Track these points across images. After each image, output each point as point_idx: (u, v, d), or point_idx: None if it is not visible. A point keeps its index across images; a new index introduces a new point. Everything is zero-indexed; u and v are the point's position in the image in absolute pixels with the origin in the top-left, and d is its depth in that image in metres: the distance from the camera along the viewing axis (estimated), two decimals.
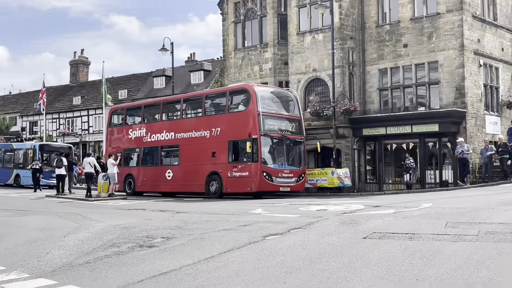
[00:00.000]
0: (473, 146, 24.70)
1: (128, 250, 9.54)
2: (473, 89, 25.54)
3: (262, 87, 23.71)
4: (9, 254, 9.60)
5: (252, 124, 21.26)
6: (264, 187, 21.21)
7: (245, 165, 21.38)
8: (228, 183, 21.89)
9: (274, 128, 21.84)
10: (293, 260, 8.12)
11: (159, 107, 27.31)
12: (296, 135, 22.81)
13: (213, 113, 24.05)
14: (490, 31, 27.29)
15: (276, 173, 21.42)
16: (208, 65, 49.49)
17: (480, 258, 7.62)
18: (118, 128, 28.58)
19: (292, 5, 29.03)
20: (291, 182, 21.96)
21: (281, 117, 22.62)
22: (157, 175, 25.39)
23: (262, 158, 21.02)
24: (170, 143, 25.17)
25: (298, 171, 22.58)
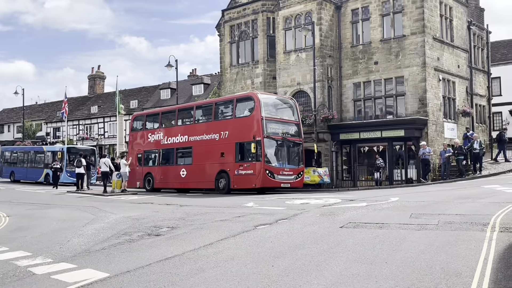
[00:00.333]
0: (434, 148, 24.78)
1: (138, 238, 9.50)
2: (433, 100, 25.64)
3: (265, 95, 23.11)
4: (35, 242, 9.54)
5: (256, 127, 20.78)
6: (267, 183, 20.73)
7: (250, 164, 20.86)
8: (235, 180, 21.46)
9: (276, 131, 21.34)
10: (280, 246, 8.12)
11: (174, 113, 26.67)
12: (295, 138, 22.21)
13: (222, 118, 23.33)
14: (448, 51, 27.41)
15: (277, 171, 20.92)
16: (208, 79, 49.40)
17: (440, 244, 7.64)
18: (139, 132, 27.99)
19: (279, 28, 29.08)
20: (291, 179, 21.43)
21: (282, 121, 22.03)
22: (173, 174, 25.00)
23: (265, 157, 20.56)
24: (184, 145, 24.63)
25: (297, 169, 21.93)
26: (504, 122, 37.08)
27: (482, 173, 22.77)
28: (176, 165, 25.00)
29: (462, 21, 28.99)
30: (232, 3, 32.92)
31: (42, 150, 37.06)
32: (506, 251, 7.02)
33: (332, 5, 28.14)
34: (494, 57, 37.29)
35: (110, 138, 52.08)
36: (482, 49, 31.91)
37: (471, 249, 7.24)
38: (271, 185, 21.00)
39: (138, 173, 26.84)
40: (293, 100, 23.67)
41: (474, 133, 25.70)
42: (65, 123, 45.90)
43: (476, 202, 12.53)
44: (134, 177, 26.50)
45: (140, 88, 56.84)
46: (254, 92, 22.34)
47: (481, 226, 8.92)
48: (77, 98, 62.21)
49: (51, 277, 6.73)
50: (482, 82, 31.56)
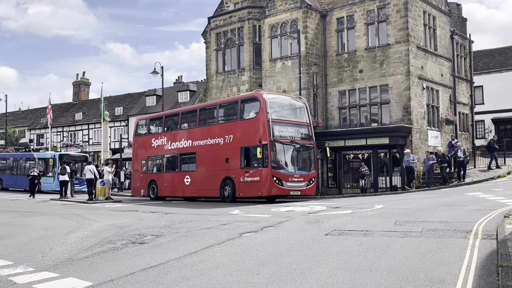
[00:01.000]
0: (418, 156, 25.01)
1: (122, 246, 9.41)
2: (417, 108, 25.92)
3: (272, 95, 21.43)
4: (17, 251, 9.39)
5: (262, 130, 19.22)
6: (275, 191, 19.07)
7: (256, 170, 19.26)
8: (240, 187, 19.91)
9: (284, 134, 19.68)
10: (265, 254, 8.10)
11: (178, 117, 25.00)
12: (305, 141, 20.51)
13: (226, 121, 21.72)
14: (432, 60, 27.77)
15: (286, 178, 19.18)
16: (194, 86, 49.35)
17: (423, 252, 7.69)
18: (143, 137, 26.55)
19: (265, 36, 29.20)
20: (301, 186, 19.66)
21: (290, 123, 20.30)
22: (176, 181, 23.57)
23: (272, 163, 18.87)
24: (188, 150, 23.10)
25: (308, 175, 20.13)
26: (486, 130, 37.62)
27: (466, 181, 23.03)
28: (180, 171, 23.59)
29: (445, 31, 29.42)
30: (218, 10, 33.02)
31: (33, 157, 36.38)
32: (488, 258, 7.09)
33: (318, 14, 28.38)
34: (477, 66, 37.88)
35: (94, 145, 51.64)
36: (465, 58, 32.39)
37: (454, 256, 7.31)
38: (279, 193, 19.42)
39: (142, 180, 25.69)
40: (303, 100, 22.00)
41: (458, 141, 26.01)
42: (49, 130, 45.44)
43: (459, 210, 12.66)
44: (138, 185, 25.76)
45: (125, 95, 56.54)
46: (260, 92, 20.57)
47: (464, 233, 9.01)
48: (61, 105, 61.66)
49: (33, 286, 6.63)
50: (465, 91, 32.00)
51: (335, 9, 28.24)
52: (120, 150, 36.61)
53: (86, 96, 61.18)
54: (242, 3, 32.27)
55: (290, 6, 28.29)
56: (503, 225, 9.27)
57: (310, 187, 20.14)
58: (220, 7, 33.17)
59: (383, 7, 26.40)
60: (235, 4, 32.67)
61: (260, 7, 30.27)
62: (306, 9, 27.70)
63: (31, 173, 28.46)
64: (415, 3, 26.26)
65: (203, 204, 20.35)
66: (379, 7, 26.54)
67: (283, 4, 28.62)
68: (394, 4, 25.92)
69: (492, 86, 37.84)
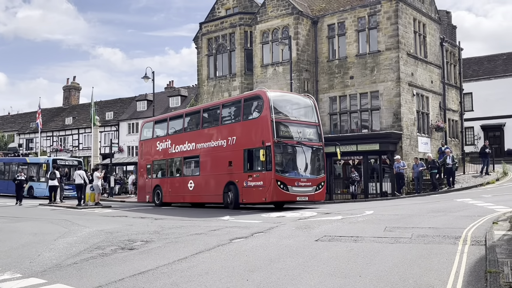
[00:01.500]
0: (408, 162, 25.15)
1: (111, 252, 9.34)
2: (407, 114, 26.09)
3: (276, 93, 20.05)
4: (4, 257, 9.28)
5: (265, 131, 17.74)
6: (279, 197, 17.56)
7: (260, 174, 17.85)
8: (244, 193, 18.53)
9: (289, 135, 18.23)
10: (256, 260, 8.08)
11: (181, 118, 23.48)
12: (313, 142, 18.98)
13: (229, 121, 20.35)
14: (422, 66, 28.00)
15: (292, 182, 17.62)
16: (185, 91, 49.32)
17: (413, 258, 7.72)
18: (148, 140, 25.34)
19: (257, 42, 29.29)
20: (309, 191, 18.08)
21: (297, 123, 18.81)
22: (181, 186, 22.32)
23: (276, 166, 17.39)
24: (191, 153, 21.76)
25: (317, 179, 18.53)
26: (475, 137, 37.94)
27: (455, 187, 23.18)
28: (184, 176, 22.43)
29: (435, 38, 29.68)
30: (210, 16, 33.08)
31: (25, 162, 35.92)
32: (477, 264, 7.13)
33: (309, 20, 28.52)
34: (466, 73, 38.24)
35: (84, 150, 51.35)
36: (454, 65, 32.68)
37: (443, 262, 7.34)
38: (284, 198, 17.90)
39: (148, 185, 24.63)
40: (310, 98, 20.59)
41: (448, 147, 26.20)
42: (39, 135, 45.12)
43: (448, 216, 12.73)
44: (143, 190, 24.93)
45: (116, 100, 56.36)
46: (263, 90, 19.00)
47: (453, 240, 9.06)
48: (51, 109, 61.30)
49: None
50: (455, 98, 32.27)
51: (326, 15, 28.41)
52: (110, 155, 36.40)
53: (76, 100, 60.90)
54: (234, 9, 32.36)
55: (282, 12, 28.41)
56: (491, 231, 9.33)
57: (319, 192, 18.61)
58: (212, 12, 33.23)
59: (373, 14, 26.60)
60: (227, 10, 32.74)
61: (252, 13, 30.37)
62: (298, 16, 27.83)
63: (18, 178, 26.10)
64: (405, 10, 26.49)
65: (195, 210, 20.26)
66: (369, 14, 26.74)
67: (274, 10, 28.74)
68: (385, 11, 26.13)
69: (481, 93, 38.22)
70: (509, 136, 37.52)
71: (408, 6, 26.80)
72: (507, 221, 10.57)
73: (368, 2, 27.00)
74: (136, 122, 49.26)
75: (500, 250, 7.60)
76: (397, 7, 25.79)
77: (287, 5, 28.40)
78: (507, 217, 11.16)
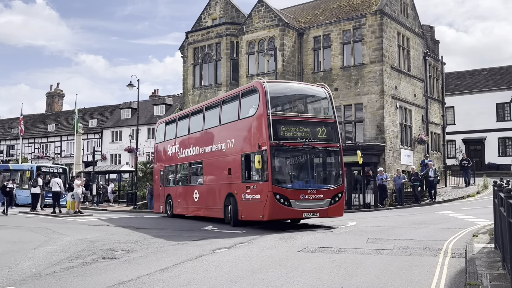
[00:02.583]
0: (391, 174, 25.35)
1: (92, 261, 9.23)
2: (391, 127, 26.36)
3: (277, 84, 17.38)
4: None
5: (260, 132, 14.47)
6: (279, 214, 14.04)
7: (257, 185, 14.39)
8: (243, 207, 15.11)
9: (293, 135, 14.55)
10: (238, 270, 8.06)
11: (187, 118, 20.40)
12: (327, 143, 15.08)
13: (228, 121, 16.95)
14: (405, 80, 28.36)
15: (295, 195, 13.98)
16: (170, 100, 49.26)
17: (394, 269, 7.78)
18: (160, 143, 22.75)
19: (243, 52, 29.43)
20: (320, 205, 14.27)
21: (304, 120, 15.15)
22: (187, 196, 19.55)
23: (273, 175, 13.89)
24: (196, 158, 18.87)
25: (331, 190, 14.59)
26: (457, 150, 38.45)
27: (437, 199, 23.42)
28: (190, 185, 19.53)
29: (419, 52, 30.13)
30: (196, 25, 33.16)
31: (8, 169, 35.27)
32: (457, 276, 7.21)
33: (295, 32, 28.75)
34: (448, 87, 38.83)
35: (67, 158, 50.79)
36: (437, 79, 33.18)
37: (424, 274, 7.40)
38: (285, 216, 14.58)
39: (161, 194, 22.34)
40: (325, 87, 16.34)
41: (431, 160, 26.48)
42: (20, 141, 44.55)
43: (430, 228, 12.86)
44: (158, 199, 22.81)
45: (99, 107, 56.01)
46: (260, 81, 15.37)
47: (434, 252, 9.15)
48: (34, 116, 60.63)
49: None
50: (437, 111, 32.72)
51: (312, 27, 28.67)
52: (93, 163, 36.05)
53: (59, 107, 60.36)
54: (220, 19, 32.49)
55: (268, 23, 28.61)
56: (471, 244, 9.45)
57: (335, 205, 14.56)
58: (198, 22, 33.32)
59: (358, 28, 26.93)
60: (213, 20, 32.88)
61: (238, 24, 30.53)
62: (284, 27, 28.04)
63: (8, 186, 24.06)
64: (389, 24, 26.88)
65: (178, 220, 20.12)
66: (355, 27, 27.06)
67: (261, 21, 28.94)
68: (370, 25, 26.47)
69: (462, 107, 38.83)
70: (489, 150, 38.13)
71: (393, 20, 27.21)
72: (487, 234, 10.72)
73: (353, 15, 27.34)
74: (120, 130, 48.96)
75: (479, 262, 7.70)
76: (381, 21, 26.16)
77: (273, 16, 28.62)
78: (487, 230, 11.32)
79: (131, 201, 29.55)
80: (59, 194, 23.21)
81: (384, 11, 26.29)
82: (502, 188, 7.64)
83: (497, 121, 38.06)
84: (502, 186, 8.21)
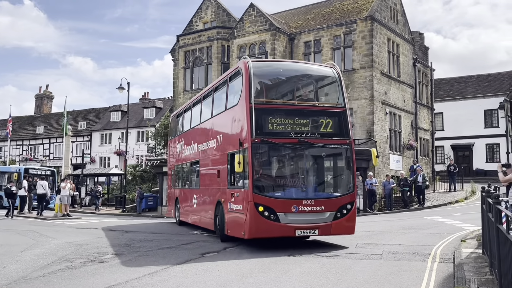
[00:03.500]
0: (380, 179, 25.46)
1: (81, 265, 9.16)
2: (380, 132, 26.51)
3: (264, 63, 14.80)
4: None
5: (242, 125, 11.50)
6: (263, 231, 10.70)
7: (240, 192, 11.41)
8: (229, 220, 12.08)
9: (286, 129, 11.30)
10: (227, 275, 8.04)
11: (190, 111, 17.65)
12: (331, 138, 11.61)
13: (217, 112, 13.98)
14: (395, 86, 28.56)
15: (285, 207, 10.77)
16: (160, 103, 49.10)
17: (383, 274, 7.81)
18: (171, 140, 20.45)
19: (233, 56, 29.45)
20: (320, 219, 10.92)
21: (300, 109, 11.87)
22: (188, 201, 17.00)
23: (255, 181, 10.82)
24: (195, 157, 16.19)
25: (336, 200, 11.26)
26: (446, 156, 38.75)
27: (426, 205, 23.57)
28: (191, 188, 17.12)
29: (408, 58, 30.38)
30: (187, 29, 33.15)
31: None
32: (445, 281, 7.26)
33: (286, 37, 28.85)
34: (437, 93, 39.16)
35: (55, 160, 50.36)
36: (426, 85, 33.46)
37: (413, 279, 7.44)
38: (272, 233, 10.81)
39: (171, 198, 20.25)
40: (335, 68, 12.66)
41: (419, 166, 26.65)
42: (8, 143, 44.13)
43: (418, 233, 12.93)
44: (170, 203, 20.66)
45: (89, 110, 55.66)
46: (245, 60, 12.01)
47: (423, 257, 9.21)
48: (22, 117, 60.06)
49: None
50: (426, 117, 32.97)
51: (303, 32, 28.79)
52: (82, 166, 35.78)
53: (48, 109, 59.87)
54: (212, 22, 32.52)
55: (259, 28, 28.68)
56: (459, 249, 9.52)
57: (341, 220, 11.10)
58: (189, 25, 33.32)
59: (349, 33, 27.09)
60: (205, 23, 32.89)
61: (229, 28, 30.57)
62: (275, 32, 28.13)
63: (11, 188, 23.06)
64: (380, 30, 27.08)
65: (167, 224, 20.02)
66: (345, 33, 27.22)
67: (252, 25, 29.01)
68: (360, 31, 26.65)
69: (451, 113, 39.17)
70: (477, 156, 38.48)
71: (383, 27, 27.41)
72: (474, 239, 10.81)
73: (344, 21, 27.51)
74: (109, 132, 48.68)
75: (467, 267, 7.76)
76: (372, 27, 26.35)
77: (264, 21, 28.71)
78: (475, 236, 11.41)
79: (120, 204, 29.36)
80: (43, 196, 23.00)
81: (374, 17, 26.49)
82: (490, 194, 7.72)
83: (485, 128, 38.46)
84: (490, 192, 8.29)
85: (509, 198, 10.19)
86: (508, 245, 5.23)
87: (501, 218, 6.16)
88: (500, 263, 5.84)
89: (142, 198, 27.64)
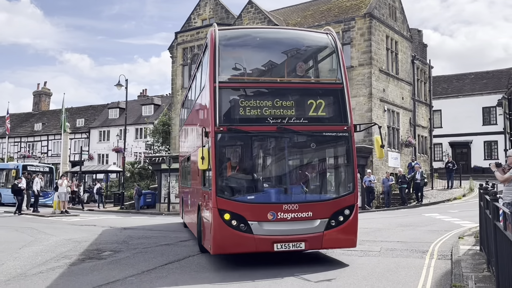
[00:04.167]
0: (378, 176, 25.50)
1: (79, 261, 9.17)
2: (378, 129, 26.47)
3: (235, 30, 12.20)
4: None
5: (208, 110, 9.02)
6: (230, 245, 8.24)
7: (207, 195, 9.02)
8: (203, 228, 9.75)
9: (262, 114, 8.74)
10: (226, 271, 8.07)
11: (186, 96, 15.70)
12: (322, 124, 9.08)
13: (196, 95, 11.66)
14: (393, 83, 28.56)
15: (260, 213, 8.33)
16: (158, 100, 49.09)
17: (381, 271, 7.83)
18: (179, 133, 18.56)
19: None
20: (307, 229, 8.41)
21: (280, 87, 9.32)
22: (185, 201, 15.21)
23: (218, 181, 8.46)
24: (187, 152, 14.33)
25: (328, 203, 8.68)
26: (444, 153, 38.80)
27: (423, 202, 23.61)
28: (186, 186, 14.97)
29: (407, 55, 30.37)
30: (186, 26, 33.10)
31: None
32: (443, 278, 7.28)
33: None
34: (436, 91, 39.18)
35: (53, 157, 50.32)
36: (424, 82, 33.46)
37: (411, 275, 7.47)
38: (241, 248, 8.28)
39: (179, 195, 18.78)
40: (331, 35, 9.80)
41: (418, 163, 26.68)
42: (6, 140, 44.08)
43: (416, 230, 12.96)
44: (179, 200, 18.65)
45: (87, 107, 55.60)
46: (211, 29, 9.30)
47: (421, 254, 9.23)
48: (20, 114, 59.99)
49: None
50: (424, 114, 32.99)
51: None
52: (80, 163, 35.76)
53: (46, 106, 59.77)
54: (210, 19, 32.45)
55: (258, 25, 28.61)
56: (457, 246, 9.55)
57: (336, 229, 8.54)
58: (188, 22, 33.26)
59: (347, 30, 27.07)
60: (203, 20, 32.83)
61: (228, 25, 30.47)
62: None
63: (19, 185, 22.87)
64: (378, 27, 27.07)
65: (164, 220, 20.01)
66: (344, 30, 27.20)
67: (250, 22, 28.96)
68: (359, 28, 26.63)
69: (449, 111, 39.20)
70: (475, 153, 38.55)
71: (381, 24, 27.40)
72: (472, 236, 10.84)
73: (342, 18, 27.48)
74: (108, 129, 48.65)
75: (465, 264, 7.79)
76: (370, 24, 26.33)
77: (263, 18, 28.67)
78: (472, 232, 11.44)
79: (118, 201, 29.37)
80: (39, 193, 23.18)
81: (373, 14, 26.47)
82: (488, 191, 7.74)
83: (483, 125, 38.52)
84: (488, 189, 8.31)
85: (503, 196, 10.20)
86: (506, 242, 5.25)
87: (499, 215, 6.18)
88: (497, 260, 5.87)
89: (140, 195, 27.66)
